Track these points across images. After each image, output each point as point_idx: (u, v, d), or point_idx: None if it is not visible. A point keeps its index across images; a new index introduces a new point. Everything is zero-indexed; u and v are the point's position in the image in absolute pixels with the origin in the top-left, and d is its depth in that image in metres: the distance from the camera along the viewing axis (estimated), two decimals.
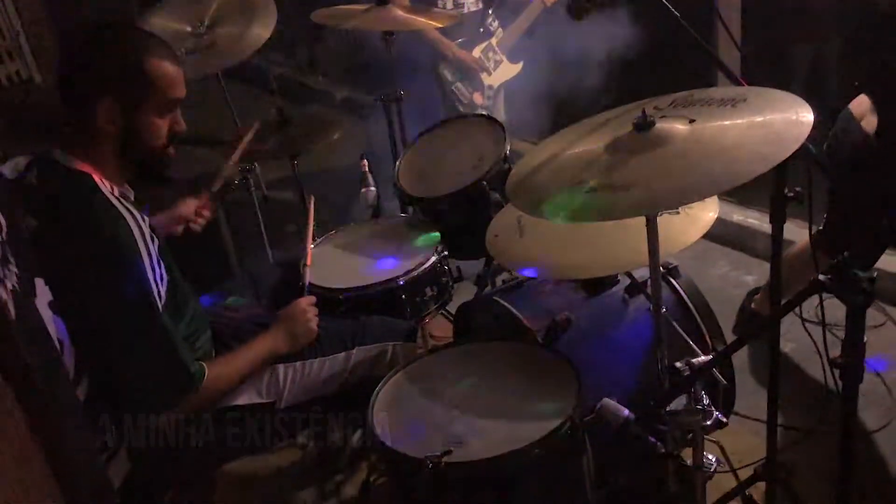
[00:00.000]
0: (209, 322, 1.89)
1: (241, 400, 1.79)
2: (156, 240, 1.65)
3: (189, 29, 2.73)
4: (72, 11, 6.97)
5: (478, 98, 3.38)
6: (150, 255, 1.58)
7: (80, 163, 1.62)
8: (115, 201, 1.59)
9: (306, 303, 1.91)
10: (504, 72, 3.47)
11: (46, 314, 1.31)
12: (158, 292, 1.60)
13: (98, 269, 1.55)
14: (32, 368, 0.89)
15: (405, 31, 2.87)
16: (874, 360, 2.44)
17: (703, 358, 1.55)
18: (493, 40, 3.43)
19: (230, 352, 1.80)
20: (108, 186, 1.62)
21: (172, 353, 1.60)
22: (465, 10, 3.37)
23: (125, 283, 1.55)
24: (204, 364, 1.67)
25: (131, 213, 1.59)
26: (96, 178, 1.61)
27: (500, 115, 3.50)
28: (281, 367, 1.84)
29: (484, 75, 3.43)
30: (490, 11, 3.45)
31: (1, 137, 4.53)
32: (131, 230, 1.56)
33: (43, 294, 1.31)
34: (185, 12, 2.80)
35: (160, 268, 1.63)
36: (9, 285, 0.99)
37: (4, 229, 1.13)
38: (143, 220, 1.63)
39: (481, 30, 3.44)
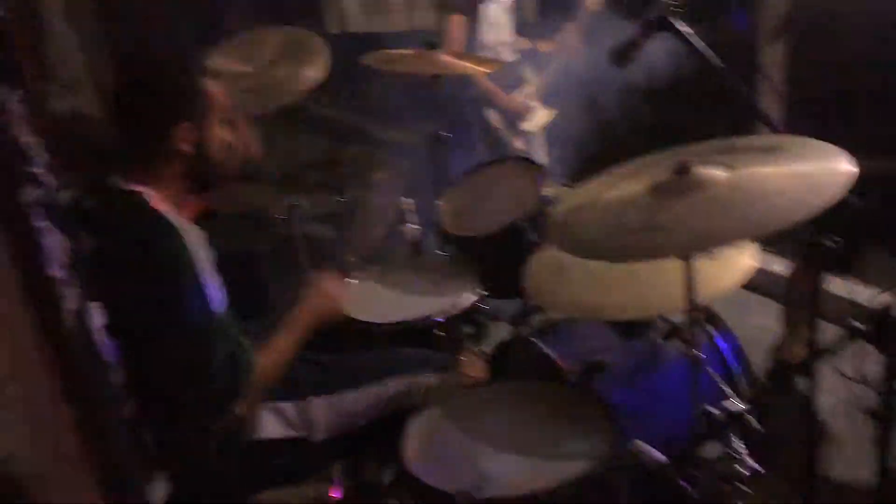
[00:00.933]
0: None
1: (273, 433, 1.81)
2: (209, 251, 1.70)
3: (245, 69, 2.83)
4: (131, 51, 7.23)
5: (519, 144, 3.44)
6: (202, 261, 1.64)
7: (135, 185, 1.70)
8: (169, 213, 1.67)
9: (326, 279, 1.94)
10: (540, 118, 3.54)
11: (99, 337, 1.36)
12: (217, 298, 1.65)
13: (158, 277, 1.61)
14: (89, 384, 0.94)
15: (453, 76, 2.94)
16: None
17: (737, 404, 1.54)
18: (528, 87, 3.50)
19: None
20: (165, 205, 1.69)
21: (233, 353, 1.64)
22: (503, 60, 3.45)
23: (183, 285, 1.60)
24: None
25: (182, 224, 1.67)
26: (152, 195, 1.69)
27: (542, 159, 3.56)
28: (314, 400, 1.85)
29: (523, 122, 3.50)
30: (524, 60, 3.54)
31: (60, 169, 4.69)
32: (186, 241, 1.63)
33: (97, 318, 1.36)
34: (242, 54, 2.90)
35: (218, 277, 1.68)
36: (70, 306, 1.05)
37: (66, 251, 1.20)
38: (196, 231, 1.69)
39: (517, 78, 3.52)
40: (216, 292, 1.67)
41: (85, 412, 1.01)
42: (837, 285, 2.50)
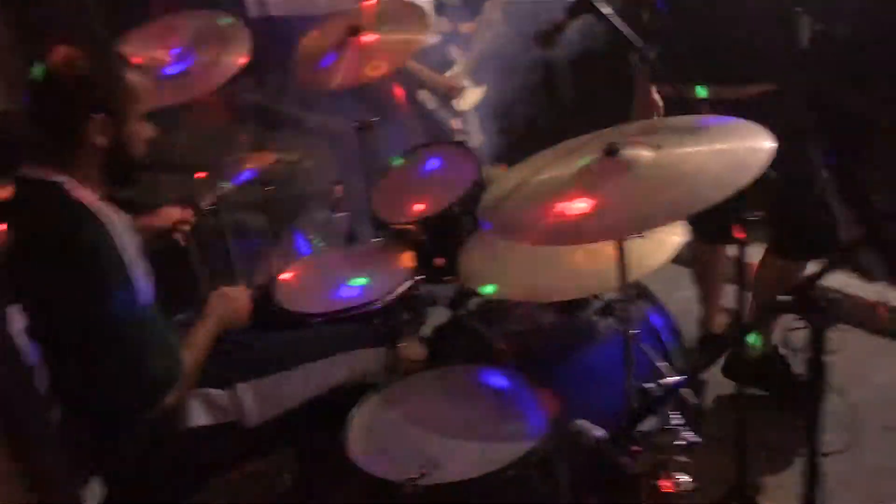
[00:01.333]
0: None
1: (204, 421, 1.77)
2: (133, 237, 1.66)
3: (162, 58, 2.73)
4: (39, 40, 6.93)
5: (455, 123, 3.43)
6: (127, 249, 1.61)
7: (53, 174, 1.64)
8: (89, 201, 1.62)
9: (242, 288, 1.95)
10: (471, 96, 3.53)
11: (21, 340, 1.30)
12: (143, 286, 1.62)
13: (81, 267, 1.56)
14: (7, 392, 0.89)
15: None
16: None
17: (671, 378, 1.58)
18: (457, 67, 3.50)
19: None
20: (84, 191, 1.64)
21: (164, 342, 1.63)
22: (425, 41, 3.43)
23: (110, 277, 1.56)
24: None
25: (103, 210, 1.62)
26: (71, 184, 1.63)
27: (477, 139, 3.56)
28: (241, 385, 1.81)
29: (456, 102, 3.49)
30: (447, 41, 3.53)
31: None
32: (103, 224, 1.59)
33: (17, 321, 1.31)
34: (157, 42, 2.80)
35: (143, 263, 1.65)
36: None
37: None
38: (118, 216, 1.65)
39: (444, 60, 3.51)
40: (143, 281, 1.62)
41: (9, 422, 0.96)
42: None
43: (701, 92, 2.09)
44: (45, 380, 1.40)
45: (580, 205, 1.40)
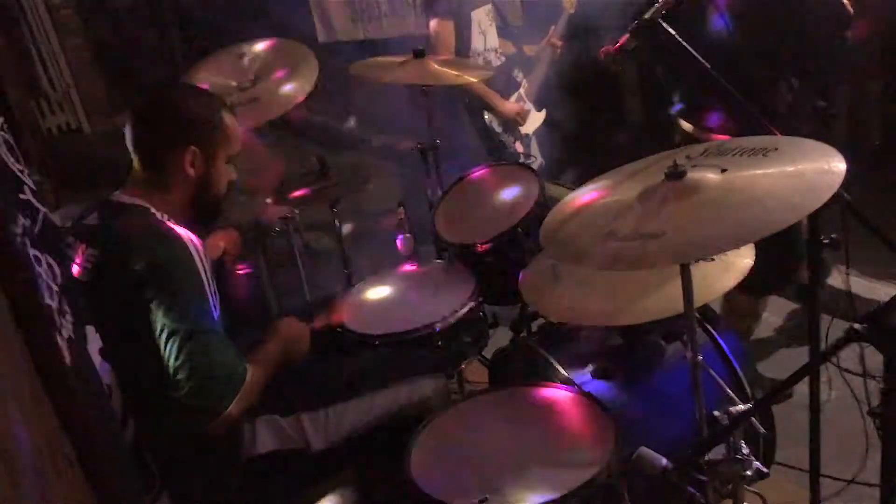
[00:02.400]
0: None
1: (271, 446, 1.81)
2: (208, 261, 1.75)
3: (234, 83, 2.83)
4: (121, 64, 7.25)
5: (518, 147, 3.44)
6: (206, 271, 1.70)
7: (139, 200, 1.76)
8: (169, 224, 1.73)
9: (302, 324, 1.98)
10: (534, 120, 3.54)
11: (96, 360, 1.36)
12: (214, 304, 1.70)
13: (163, 283, 1.65)
14: (88, 415, 0.93)
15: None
16: None
17: (741, 406, 1.54)
18: (522, 91, 3.51)
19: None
20: (165, 217, 1.75)
21: (229, 354, 1.69)
22: (492, 65, 3.46)
23: (190, 294, 1.66)
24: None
25: (186, 234, 1.72)
26: (153, 209, 1.75)
27: (539, 161, 3.57)
28: (304, 415, 1.85)
29: (521, 125, 3.51)
30: (512, 64, 3.56)
31: (53, 186, 4.69)
32: (187, 247, 1.69)
33: (93, 341, 1.36)
34: (230, 67, 2.90)
35: (213, 285, 1.73)
36: (65, 334, 1.04)
37: (59, 278, 1.19)
38: (197, 241, 1.74)
39: (509, 82, 3.52)
40: (214, 300, 1.71)
41: (84, 443, 1.00)
42: (835, 278, 2.50)
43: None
44: (118, 401, 1.45)
45: (644, 227, 1.39)
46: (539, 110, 3.58)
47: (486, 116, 3.42)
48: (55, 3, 7.43)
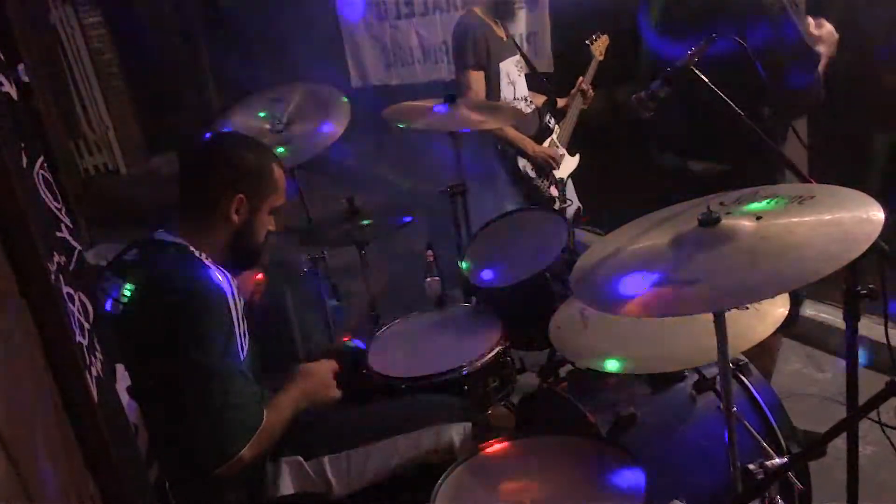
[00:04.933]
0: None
1: (292, 489, 1.80)
2: (242, 300, 1.76)
3: (267, 126, 2.88)
4: (159, 109, 7.44)
5: (553, 191, 3.45)
6: (238, 312, 1.72)
7: (180, 239, 1.79)
8: (207, 263, 1.75)
9: (330, 366, 1.97)
10: (568, 164, 3.55)
11: (123, 399, 1.36)
12: (242, 345, 1.70)
13: (195, 321, 1.66)
14: (114, 456, 0.93)
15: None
16: None
17: (777, 460, 1.49)
18: (554, 136, 3.53)
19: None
20: (204, 256, 1.78)
21: (247, 397, 1.68)
22: (523, 116, 3.50)
23: (219, 333, 1.66)
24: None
25: (223, 273, 1.74)
26: (193, 248, 1.78)
27: (575, 206, 3.57)
28: (326, 459, 1.83)
29: (555, 170, 3.52)
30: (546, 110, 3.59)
31: (88, 226, 4.78)
32: (222, 287, 1.70)
33: (121, 380, 1.36)
34: (264, 110, 2.95)
35: (244, 325, 1.74)
36: (94, 372, 1.04)
37: (91, 316, 1.20)
38: (233, 281, 1.76)
39: (542, 128, 3.55)
40: (242, 339, 1.71)
41: (110, 483, 1.00)
42: (873, 330, 2.44)
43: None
44: (144, 441, 1.45)
45: (677, 274, 1.37)
46: (573, 155, 3.59)
47: (520, 163, 3.44)
48: (97, 46, 7.68)
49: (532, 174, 3.43)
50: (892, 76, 3.24)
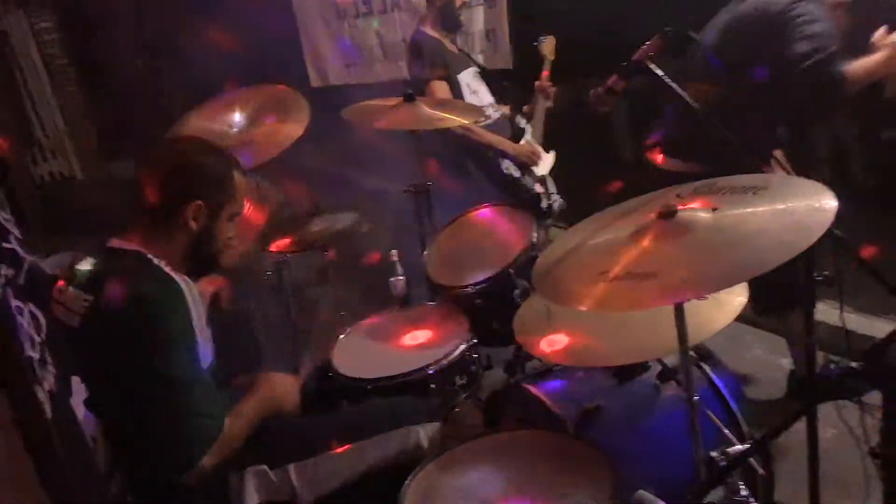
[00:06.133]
0: None
1: (257, 499, 1.77)
2: (203, 307, 1.75)
3: (226, 129, 2.85)
4: (115, 114, 7.30)
5: (539, 188, 3.46)
6: (198, 317, 1.69)
7: (136, 246, 1.75)
8: (166, 269, 1.72)
9: (293, 378, 1.96)
10: (546, 161, 3.58)
11: (80, 411, 1.33)
12: (204, 352, 1.69)
13: (155, 329, 1.63)
14: (69, 471, 0.90)
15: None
16: None
17: (739, 447, 1.51)
18: (528, 136, 3.55)
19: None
20: (162, 263, 1.74)
21: (208, 404, 1.66)
22: (492, 121, 3.51)
23: (179, 341, 1.64)
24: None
25: (182, 279, 1.71)
26: (150, 255, 1.74)
27: (558, 201, 3.60)
28: (292, 466, 1.80)
29: (535, 167, 3.54)
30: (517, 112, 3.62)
31: (43, 234, 4.68)
32: (183, 292, 1.68)
33: (78, 392, 1.33)
34: (223, 113, 2.92)
35: (207, 332, 1.72)
36: (46, 386, 1.02)
37: (44, 329, 1.17)
38: (193, 287, 1.73)
39: (515, 129, 3.57)
40: (205, 346, 1.69)
41: (65, 498, 0.97)
42: (829, 314, 2.48)
43: None
44: (105, 452, 1.42)
45: (636, 267, 1.38)
46: (548, 152, 3.62)
47: (502, 164, 3.44)
48: (51, 52, 7.52)
49: (516, 174, 3.44)
50: None
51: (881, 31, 2.29)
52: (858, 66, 2.25)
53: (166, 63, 7.16)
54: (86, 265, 1.77)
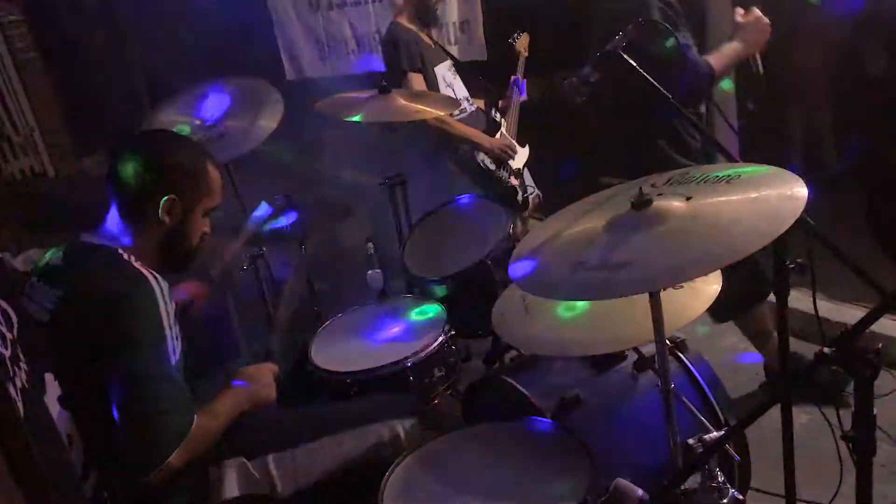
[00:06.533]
0: None
1: (235, 491, 1.75)
2: (172, 303, 1.72)
3: (198, 122, 2.82)
4: (87, 109, 7.19)
5: (514, 181, 3.47)
6: (168, 314, 1.67)
7: (107, 241, 1.74)
8: (136, 265, 1.70)
9: (270, 369, 1.94)
10: (521, 155, 3.58)
11: (55, 409, 1.31)
12: (173, 348, 1.66)
13: (124, 325, 1.62)
14: (44, 469, 0.89)
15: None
16: None
17: (715, 434, 1.53)
18: (503, 129, 3.55)
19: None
20: (132, 259, 1.72)
21: (178, 401, 1.64)
22: (467, 114, 3.52)
23: (147, 337, 1.62)
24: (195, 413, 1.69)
25: (153, 276, 1.69)
26: (120, 251, 1.72)
27: (535, 192, 3.61)
28: (271, 456, 1.80)
29: (511, 161, 3.55)
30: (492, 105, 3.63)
31: (15, 231, 4.61)
32: (152, 289, 1.65)
33: (52, 389, 1.32)
34: (194, 107, 2.89)
35: (176, 328, 1.69)
36: (18, 383, 1.00)
37: (15, 326, 1.15)
38: (163, 283, 1.71)
39: (490, 122, 3.57)
40: (174, 343, 1.67)
41: (40, 496, 0.96)
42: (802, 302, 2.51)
43: None
44: (80, 451, 1.41)
45: (611, 257, 1.38)
46: (523, 146, 3.63)
47: (478, 157, 3.44)
48: (18, 46, 7.38)
49: (492, 167, 3.45)
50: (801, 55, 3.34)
51: (738, 12, 2.38)
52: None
53: (138, 57, 7.07)
54: (56, 261, 1.75)
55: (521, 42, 3.70)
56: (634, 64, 1.79)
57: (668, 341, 1.62)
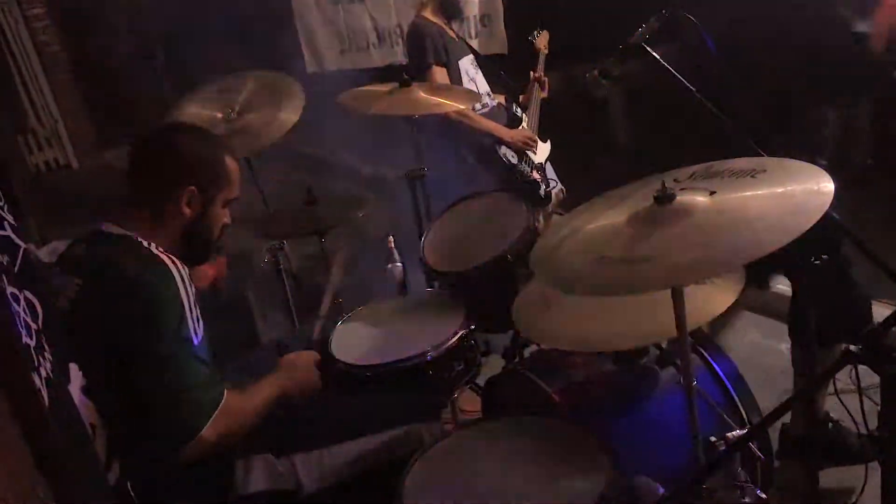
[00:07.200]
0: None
1: (261, 486, 1.77)
2: (193, 287, 1.73)
3: (220, 115, 2.83)
4: (109, 101, 7.25)
5: (536, 175, 3.46)
6: (189, 297, 1.69)
7: (127, 230, 1.75)
8: (156, 252, 1.72)
9: (311, 357, 1.97)
10: (542, 150, 3.57)
11: (79, 399, 1.32)
12: (196, 329, 1.68)
13: (145, 310, 1.64)
14: (68, 460, 0.90)
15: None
16: None
17: (738, 432, 1.52)
18: (525, 124, 3.54)
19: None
20: (152, 245, 1.74)
21: (204, 377, 1.67)
22: (488, 109, 3.51)
23: (169, 321, 1.64)
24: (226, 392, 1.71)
25: (171, 260, 1.71)
26: (140, 238, 1.74)
27: (557, 186, 3.60)
28: (298, 456, 1.81)
29: (532, 154, 3.54)
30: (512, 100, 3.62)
31: (40, 223, 4.66)
32: (170, 272, 1.67)
33: (76, 379, 1.33)
34: (217, 100, 2.90)
35: (197, 310, 1.71)
36: (43, 373, 1.01)
37: (41, 316, 1.16)
38: (183, 268, 1.73)
39: (511, 117, 3.56)
40: (196, 326, 1.69)
41: (65, 486, 0.97)
42: None
43: None
44: (103, 440, 1.42)
45: (634, 252, 1.37)
46: (544, 142, 3.62)
47: (500, 151, 3.44)
48: (43, 39, 7.45)
49: (514, 160, 3.44)
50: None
51: None
52: None
53: (161, 50, 7.11)
54: (77, 250, 1.77)
55: (541, 39, 3.70)
56: (657, 56, 1.77)
57: (691, 337, 1.60)
